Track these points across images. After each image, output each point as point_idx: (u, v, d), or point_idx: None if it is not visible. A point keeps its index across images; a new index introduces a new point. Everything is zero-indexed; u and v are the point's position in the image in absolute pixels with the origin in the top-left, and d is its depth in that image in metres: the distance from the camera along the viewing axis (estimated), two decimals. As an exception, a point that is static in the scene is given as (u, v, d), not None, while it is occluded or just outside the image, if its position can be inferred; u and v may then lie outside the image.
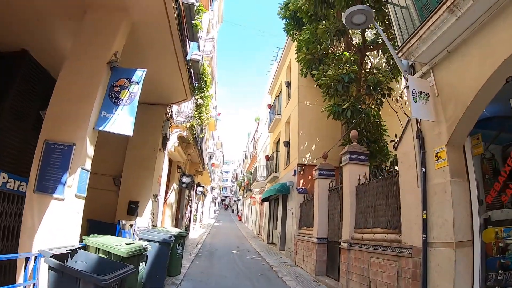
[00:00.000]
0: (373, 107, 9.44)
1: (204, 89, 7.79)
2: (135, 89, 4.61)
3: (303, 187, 12.09)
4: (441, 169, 4.16)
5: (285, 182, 13.44)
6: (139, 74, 4.68)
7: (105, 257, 4.28)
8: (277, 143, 17.72)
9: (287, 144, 14.93)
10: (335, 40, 9.54)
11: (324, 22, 9.28)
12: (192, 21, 5.55)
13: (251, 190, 28.07)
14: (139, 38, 5.38)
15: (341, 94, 9.31)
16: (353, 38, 11.35)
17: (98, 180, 7.00)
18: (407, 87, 5.06)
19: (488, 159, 4.49)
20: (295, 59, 11.87)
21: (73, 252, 3.78)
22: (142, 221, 7.35)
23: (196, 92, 7.73)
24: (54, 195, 3.82)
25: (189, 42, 6.31)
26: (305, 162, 12.50)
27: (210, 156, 25.37)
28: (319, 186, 9.57)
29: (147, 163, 7.72)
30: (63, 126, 4.09)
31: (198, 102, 7.79)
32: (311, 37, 9.99)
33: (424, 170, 4.47)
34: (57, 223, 3.75)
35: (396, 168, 9.00)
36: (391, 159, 8.92)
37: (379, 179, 6.26)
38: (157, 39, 5.50)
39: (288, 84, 15.70)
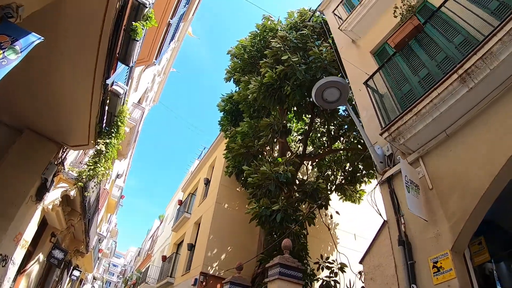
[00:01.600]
0: (306, 217, 8.39)
1: (113, 135, 5.85)
2: (13, 57, 2.90)
3: (203, 303, 9.43)
4: (444, 284, 2.97)
5: (181, 292, 10.58)
6: (31, 39, 3.01)
7: None
8: (180, 244, 15.19)
9: (191, 247, 12.52)
10: (275, 138, 9.05)
11: (269, 117, 8.88)
12: (133, 22, 4.19)
13: (137, 292, 22.99)
14: (57, 20, 3.76)
15: (271, 196, 8.26)
16: (292, 146, 11.14)
17: None
18: (382, 182, 4.18)
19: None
20: (223, 155, 11.04)
21: None
22: (-28, 287, 4.84)
23: (102, 136, 5.72)
24: None
25: (118, 62, 4.79)
26: (211, 272, 10.31)
27: (100, 240, 20.25)
28: (229, 305, 7.25)
29: (5, 209, 5.22)
30: None
31: (99, 148, 5.63)
32: (249, 131, 9.37)
33: None
34: None
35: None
36: (320, 282, 7.50)
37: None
38: (80, 29, 3.92)
39: (207, 182, 14.27)
